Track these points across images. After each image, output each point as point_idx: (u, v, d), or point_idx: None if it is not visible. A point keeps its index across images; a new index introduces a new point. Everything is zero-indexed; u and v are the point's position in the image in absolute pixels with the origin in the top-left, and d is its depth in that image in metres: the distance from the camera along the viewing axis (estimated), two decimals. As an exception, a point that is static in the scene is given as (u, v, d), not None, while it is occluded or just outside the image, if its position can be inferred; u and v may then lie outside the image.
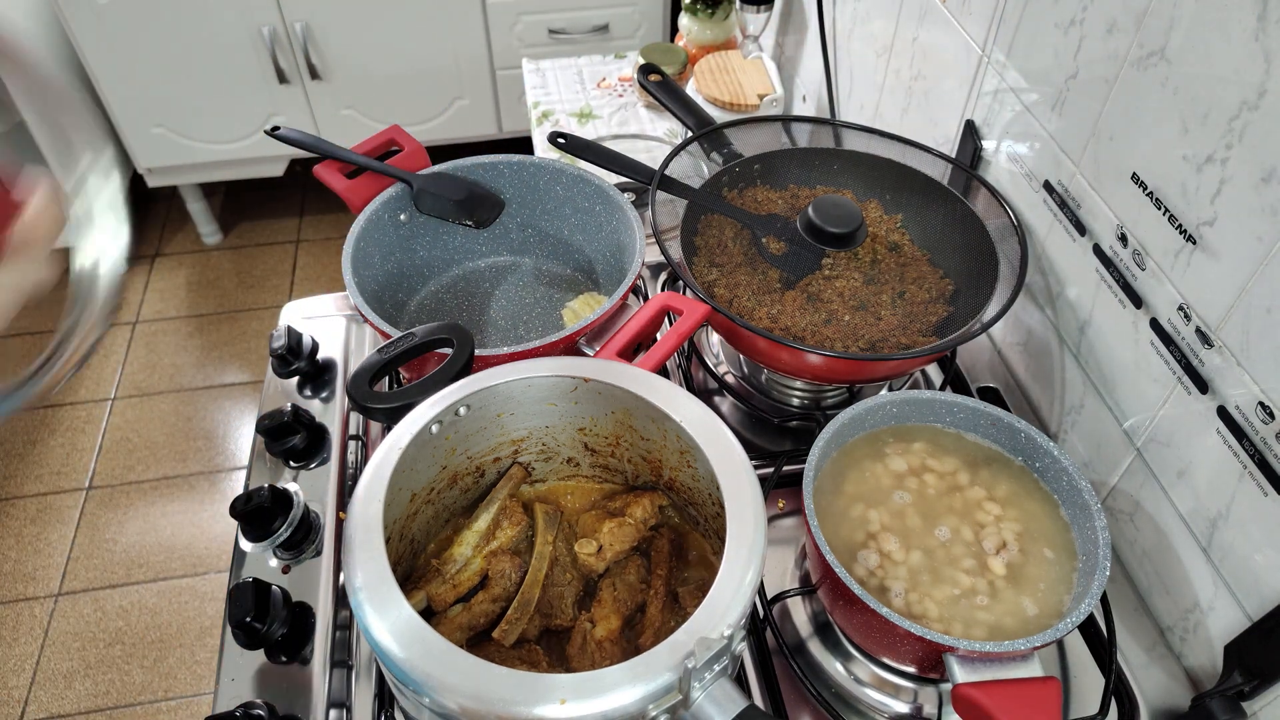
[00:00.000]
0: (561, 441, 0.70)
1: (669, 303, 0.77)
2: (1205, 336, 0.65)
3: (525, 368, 0.63)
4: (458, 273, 0.99)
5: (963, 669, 0.58)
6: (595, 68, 1.59)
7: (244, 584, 0.69)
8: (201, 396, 2.22)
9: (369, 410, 0.61)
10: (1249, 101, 0.58)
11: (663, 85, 1.04)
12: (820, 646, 0.73)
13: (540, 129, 1.46)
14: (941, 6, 0.96)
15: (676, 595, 0.65)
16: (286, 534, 0.75)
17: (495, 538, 0.66)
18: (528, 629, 0.63)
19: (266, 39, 2.14)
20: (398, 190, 0.90)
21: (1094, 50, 0.73)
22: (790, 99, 1.46)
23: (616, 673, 0.47)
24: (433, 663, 0.47)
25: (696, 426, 0.60)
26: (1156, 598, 0.75)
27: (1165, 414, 0.71)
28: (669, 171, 0.89)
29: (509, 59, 2.33)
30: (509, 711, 0.46)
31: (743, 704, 0.48)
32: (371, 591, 0.50)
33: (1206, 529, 0.68)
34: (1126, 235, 0.72)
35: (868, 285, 0.89)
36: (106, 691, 1.70)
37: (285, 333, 0.90)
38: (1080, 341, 0.81)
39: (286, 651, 0.71)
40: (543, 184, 0.95)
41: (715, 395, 0.95)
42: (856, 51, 1.20)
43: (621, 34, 2.35)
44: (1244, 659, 0.64)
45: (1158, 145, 0.67)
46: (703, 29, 1.44)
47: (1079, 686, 0.72)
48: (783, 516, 0.82)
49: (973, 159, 0.93)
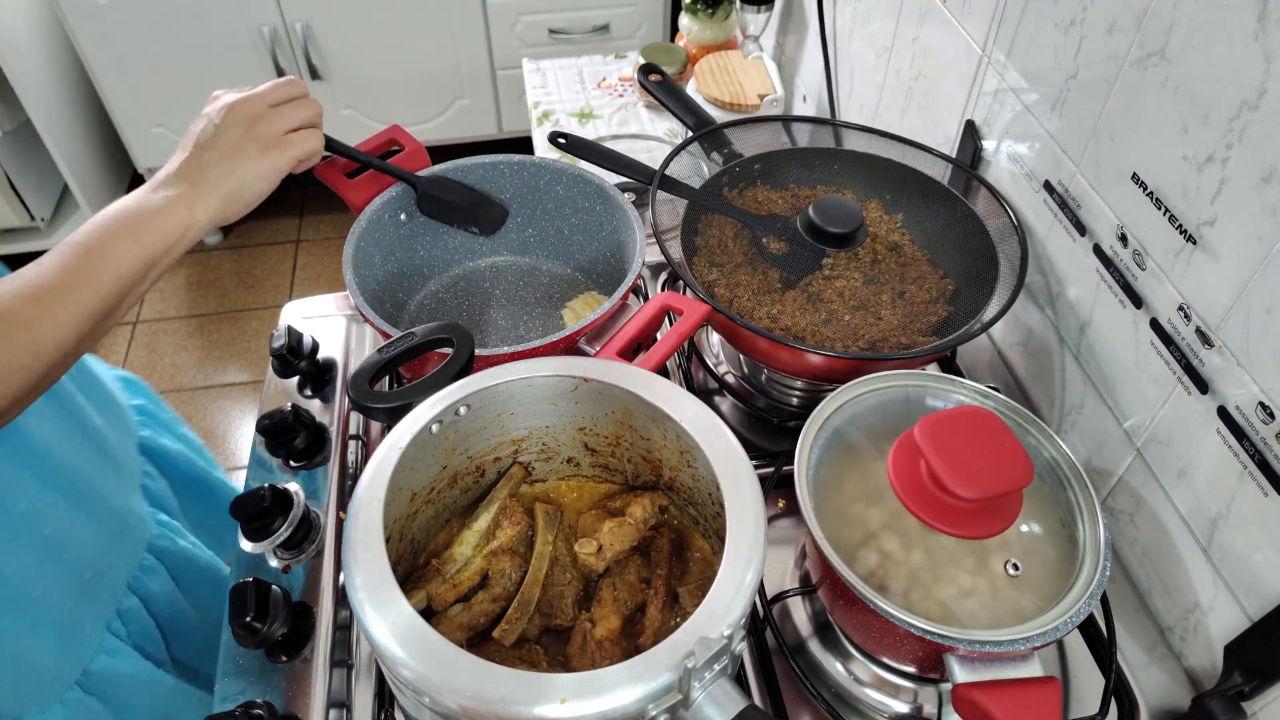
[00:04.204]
0: (562, 441, 0.70)
1: (669, 303, 0.77)
2: (1205, 336, 0.65)
3: (525, 368, 0.63)
4: (458, 273, 0.99)
5: (963, 669, 0.58)
6: (595, 68, 1.59)
7: (244, 584, 0.69)
8: (201, 396, 2.22)
9: (369, 410, 0.61)
10: (1249, 101, 0.58)
11: (663, 85, 1.04)
12: (820, 646, 0.73)
13: (540, 129, 1.46)
14: (942, 6, 0.96)
15: (676, 595, 0.65)
16: (286, 534, 0.75)
17: (495, 537, 0.66)
18: (528, 629, 0.63)
19: (266, 39, 2.14)
20: (398, 190, 0.90)
21: (1094, 50, 0.73)
22: (790, 99, 1.46)
23: (616, 672, 0.47)
24: (433, 663, 0.47)
25: (696, 426, 0.60)
26: (1156, 598, 0.75)
27: (1165, 414, 0.71)
28: (669, 171, 0.89)
29: (509, 59, 2.33)
30: (509, 711, 0.46)
31: (743, 704, 0.48)
32: (371, 591, 0.50)
33: (1207, 529, 0.68)
34: (1127, 235, 0.72)
35: (868, 285, 0.89)
36: (106, 691, 1.70)
37: (285, 333, 0.90)
38: (1080, 341, 0.81)
39: (286, 651, 0.71)
40: (543, 184, 0.95)
41: (715, 395, 0.95)
42: (857, 51, 1.20)
43: (622, 34, 2.35)
44: (1244, 659, 0.64)
45: (1158, 145, 0.67)
46: (703, 29, 1.44)
47: (1079, 686, 0.72)
48: (783, 516, 0.83)
49: (973, 159, 0.93)
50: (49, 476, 0.76)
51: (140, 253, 0.69)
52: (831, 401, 0.70)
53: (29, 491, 0.74)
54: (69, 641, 0.79)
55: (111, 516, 0.84)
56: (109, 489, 0.85)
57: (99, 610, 0.83)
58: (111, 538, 0.84)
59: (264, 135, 0.76)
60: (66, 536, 0.78)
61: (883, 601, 0.59)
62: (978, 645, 0.57)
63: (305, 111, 0.80)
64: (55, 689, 0.79)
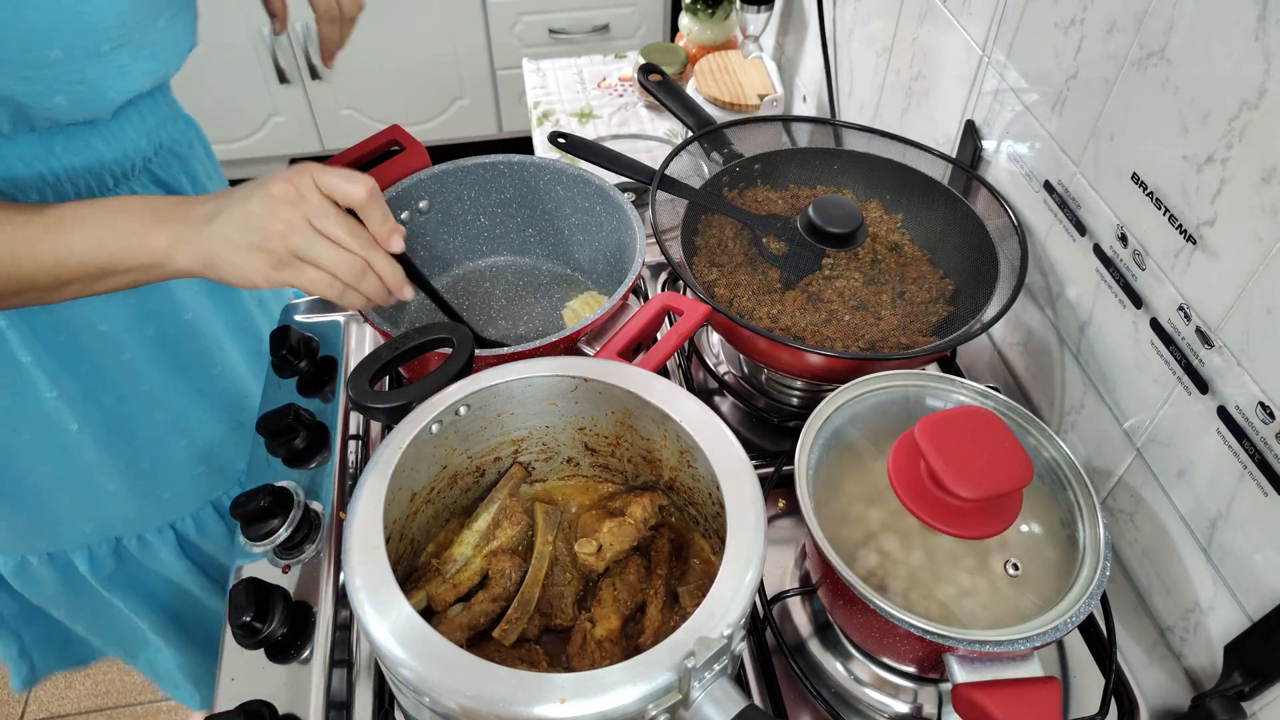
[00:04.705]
0: (562, 441, 0.70)
1: (669, 303, 0.77)
2: (1205, 336, 0.65)
3: (525, 368, 0.63)
4: (458, 273, 0.99)
5: (962, 669, 0.58)
6: (595, 68, 1.59)
7: (244, 584, 0.69)
8: (202, 396, 2.21)
9: (369, 410, 0.61)
10: (1249, 101, 0.58)
11: (663, 85, 1.04)
12: (820, 646, 0.73)
13: (540, 129, 1.46)
14: (942, 6, 0.96)
15: (676, 595, 0.65)
16: (286, 534, 0.75)
17: (495, 537, 0.66)
18: (528, 629, 0.63)
19: (267, 39, 2.14)
20: (397, 192, 0.90)
21: (1094, 50, 0.73)
22: (790, 99, 1.46)
23: (616, 672, 0.47)
24: (433, 663, 0.47)
25: (696, 426, 0.60)
26: (1156, 598, 0.75)
27: (1165, 414, 0.71)
28: (669, 171, 0.89)
29: (509, 59, 2.33)
30: (509, 711, 0.46)
31: (742, 704, 0.48)
32: (371, 591, 0.50)
33: (1207, 529, 0.68)
34: (1126, 235, 0.72)
35: (868, 285, 0.89)
36: (106, 691, 1.70)
37: (285, 333, 0.90)
38: (1080, 341, 0.81)
39: (286, 651, 0.71)
40: (543, 184, 0.95)
41: (715, 395, 0.95)
42: (856, 51, 1.20)
43: (622, 34, 2.35)
44: (1244, 659, 0.64)
45: (1158, 145, 0.67)
46: (703, 29, 1.44)
47: (1079, 686, 0.72)
48: (783, 516, 0.83)
49: (973, 159, 0.93)
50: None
51: (95, 257, 0.66)
52: (831, 401, 0.70)
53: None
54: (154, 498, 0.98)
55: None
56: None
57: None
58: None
59: (279, 252, 0.65)
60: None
61: (883, 601, 0.59)
62: (978, 645, 0.57)
63: (346, 259, 0.66)
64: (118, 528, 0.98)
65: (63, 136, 0.75)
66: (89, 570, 1.01)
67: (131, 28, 0.71)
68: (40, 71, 0.67)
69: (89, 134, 0.77)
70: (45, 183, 0.76)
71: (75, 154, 0.76)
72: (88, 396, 0.88)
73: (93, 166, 0.78)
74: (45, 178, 0.75)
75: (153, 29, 0.73)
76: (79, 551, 1.00)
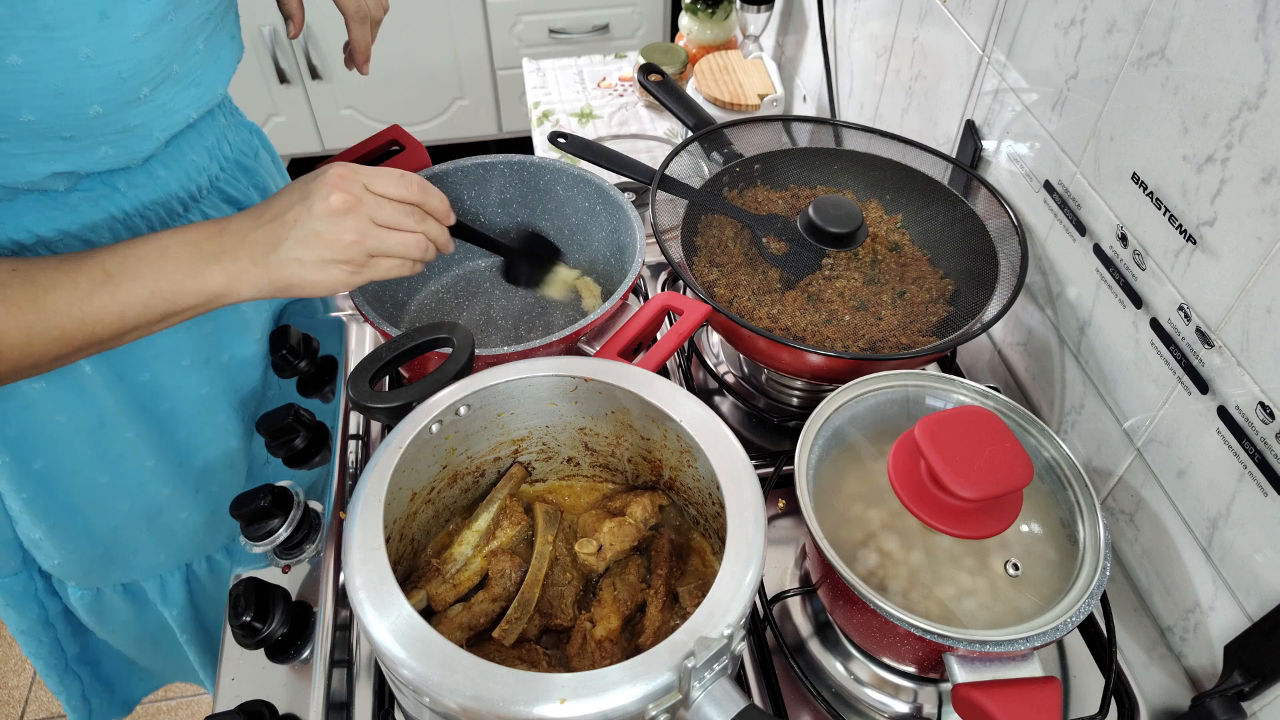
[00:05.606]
0: (561, 441, 0.70)
1: (669, 303, 0.77)
2: (1205, 336, 0.65)
3: (525, 367, 0.63)
4: (458, 273, 0.99)
5: (962, 668, 0.58)
6: (595, 68, 1.59)
7: (244, 584, 0.69)
8: (202, 396, 2.21)
9: (369, 410, 0.61)
10: (1249, 101, 0.58)
11: (663, 85, 1.04)
12: (820, 646, 0.73)
13: (540, 129, 1.46)
14: (941, 6, 0.96)
15: (676, 595, 0.65)
16: (286, 534, 0.75)
17: (495, 537, 0.66)
18: (528, 629, 0.63)
19: (267, 39, 2.14)
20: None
21: (1094, 50, 0.73)
22: (790, 99, 1.46)
23: (616, 672, 0.47)
24: (433, 663, 0.47)
25: (696, 426, 0.60)
26: (1156, 598, 0.75)
27: (1165, 414, 0.71)
28: (669, 171, 0.89)
29: (509, 59, 2.33)
30: (509, 711, 0.46)
31: (743, 704, 0.48)
32: (371, 591, 0.50)
33: (1207, 529, 0.68)
34: (1126, 235, 0.72)
35: (868, 285, 0.89)
36: (107, 691, 1.70)
37: (285, 333, 0.90)
38: (1080, 341, 0.81)
39: (286, 651, 0.71)
40: (543, 184, 0.95)
41: (715, 395, 0.95)
42: (856, 51, 1.20)
43: (621, 34, 2.35)
44: (1244, 659, 0.64)
45: (1158, 145, 0.67)
46: (703, 29, 1.44)
47: (1079, 686, 0.72)
48: (783, 516, 0.83)
49: (973, 159, 0.93)
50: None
51: (155, 305, 0.65)
52: (831, 401, 0.70)
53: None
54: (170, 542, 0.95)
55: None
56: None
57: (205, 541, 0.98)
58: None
59: (357, 258, 0.67)
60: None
61: (883, 601, 0.59)
62: (977, 645, 0.57)
63: (412, 240, 0.70)
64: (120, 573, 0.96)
65: (124, 172, 0.72)
66: (159, 597, 1.00)
67: (169, 62, 0.67)
68: (82, 129, 0.64)
69: (150, 164, 0.74)
70: (116, 220, 0.73)
71: (140, 187, 0.74)
72: (164, 435, 0.87)
73: (160, 197, 0.76)
74: (116, 216, 0.73)
75: (191, 54, 0.69)
76: (151, 580, 0.99)
